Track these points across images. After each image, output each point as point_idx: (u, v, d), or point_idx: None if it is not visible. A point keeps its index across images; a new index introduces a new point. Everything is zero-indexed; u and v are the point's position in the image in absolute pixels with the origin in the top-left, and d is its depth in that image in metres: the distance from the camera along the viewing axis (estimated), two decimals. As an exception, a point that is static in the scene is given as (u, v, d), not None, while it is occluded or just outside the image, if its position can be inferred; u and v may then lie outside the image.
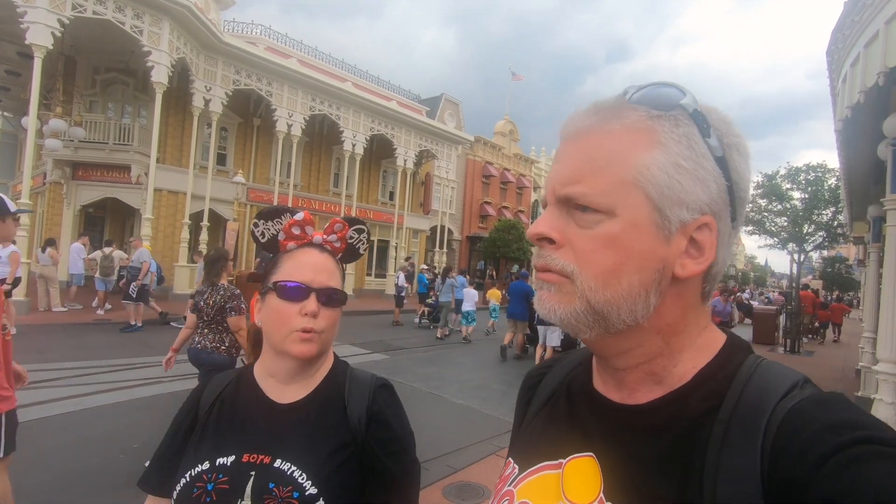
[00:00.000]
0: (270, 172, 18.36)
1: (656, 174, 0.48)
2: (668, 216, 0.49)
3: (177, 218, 14.85)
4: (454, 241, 29.35)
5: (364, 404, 0.98)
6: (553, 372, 0.71)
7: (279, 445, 0.91)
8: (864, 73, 3.52)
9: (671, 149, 0.49)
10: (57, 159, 14.00)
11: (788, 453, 0.41)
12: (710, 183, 0.49)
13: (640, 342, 0.52)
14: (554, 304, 0.52)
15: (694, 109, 0.50)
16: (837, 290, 38.09)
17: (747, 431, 0.44)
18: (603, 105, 0.52)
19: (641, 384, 0.54)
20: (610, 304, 0.49)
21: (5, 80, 16.36)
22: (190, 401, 1.03)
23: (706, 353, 0.53)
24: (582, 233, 0.50)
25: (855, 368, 9.57)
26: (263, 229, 1.03)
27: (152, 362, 7.08)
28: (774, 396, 0.46)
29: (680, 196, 0.48)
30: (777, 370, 0.50)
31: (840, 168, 6.89)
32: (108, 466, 3.72)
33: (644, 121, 0.50)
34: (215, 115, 14.51)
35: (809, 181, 14.73)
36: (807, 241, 15.15)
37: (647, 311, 0.50)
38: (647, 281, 0.49)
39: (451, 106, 27.50)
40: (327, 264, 0.99)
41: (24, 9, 9.86)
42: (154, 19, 11.82)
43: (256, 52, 15.30)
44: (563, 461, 0.56)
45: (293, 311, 0.92)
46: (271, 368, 0.98)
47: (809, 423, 0.42)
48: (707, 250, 0.50)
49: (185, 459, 0.92)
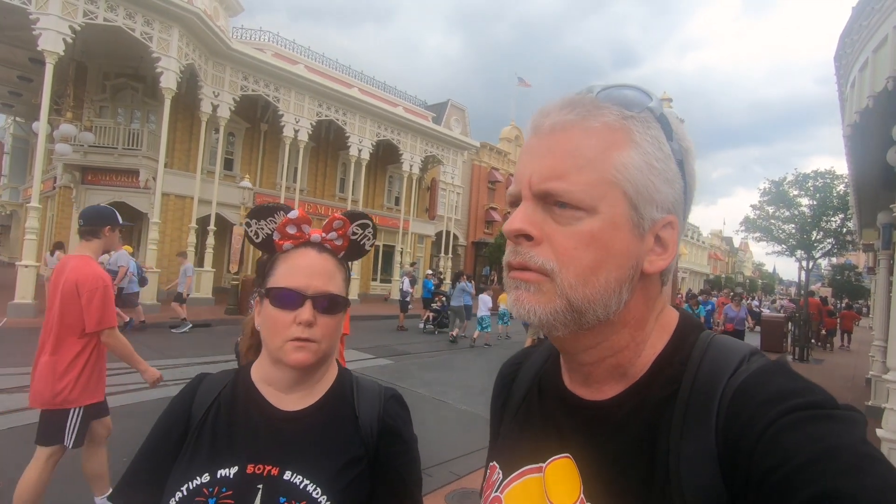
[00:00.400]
0: (277, 177, 18.46)
1: (633, 173, 0.49)
2: (642, 214, 0.50)
3: (184, 222, 14.97)
4: (459, 247, 29.35)
5: (375, 415, 0.95)
6: (525, 368, 0.70)
7: (287, 456, 0.85)
8: (873, 77, 3.48)
9: (645, 149, 0.50)
10: (67, 164, 14.16)
11: (734, 431, 0.43)
12: (675, 184, 0.52)
13: (608, 336, 0.53)
14: (534, 305, 0.51)
15: (660, 113, 0.52)
16: (847, 298, 37.68)
17: (701, 414, 0.46)
18: (578, 101, 0.52)
19: (608, 378, 0.54)
20: (589, 301, 0.49)
21: (17, 86, 16.60)
22: (177, 405, 0.93)
23: (662, 336, 0.54)
24: (561, 229, 0.50)
25: (865, 377, 9.44)
26: (256, 229, 0.97)
27: (160, 365, 7.09)
28: (724, 375, 0.47)
29: (653, 195, 0.50)
30: (726, 345, 0.51)
31: (849, 174, 6.82)
32: (111, 469, 3.71)
33: (620, 120, 0.51)
34: (223, 121, 14.63)
35: (818, 187, 14.60)
36: (815, 248, 15.00)
37: (619, 307, 0.51)
38: (622, 277, 0.50)
39: (456, 112, 27.58)
40: (325, 266, 0.92)
41: (36, 16, 10.00)
42: (164, 26, 11.96)
43: (264, 59, 15.43)
44: (544, 464, 0.56)
45: (287, 320, 0.86)
46: (270, 376, 0.92)
47: (750, 398, 0.44)
48: (671, 246, 0.52)
49: (178, 471, 0.84)
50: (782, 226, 15.68)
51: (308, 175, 19.79)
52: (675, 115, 0.54)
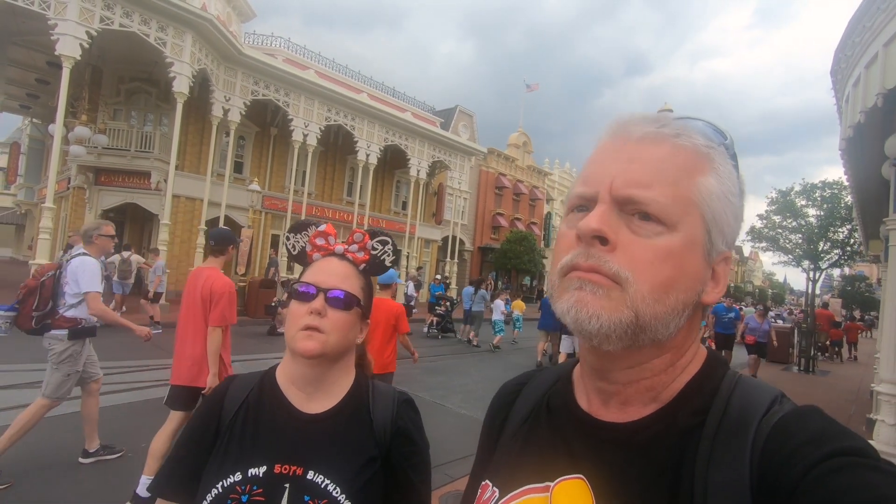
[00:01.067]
0: (285, 181, 18.68)
1: (714, 200, 0.50)
2: (713, 242, 0.50)
3: (193, 224, 15.20)
4: (466, 252, 29.41)
5: (389, 418, 1.00)
6: (529, 388, 0.69)
7: (310, 457, 0.90)
8: (865, 93, 3.54)
9: (725, 181, 0.51)
10: (81, 165, 14.46)
11: (775, 465, 0.43)
12: (739, 221, 0.53)
13: (651, 357, 0.52)
14: (598, 310, 0.48)
15: (733, 152, 0.53)
16: (859, 309, 37.23)
17: (734, 446, 0.46)
18: (666, 119, 0.53)
19: (637, 400, 0.53)
20: (656, 318, 0.48)
21: (35, 88, 16.99)
22: (210, 406, 1.00)
23: (693, 367, 0.54)
24: (638, 240, 0.48)
25: (869, 390, 9.38)
26: (294, 242, 1.07)
27: (166, 364, 7.25)
28: (757, 412, 0.47)
29: (723, 227, 0.51)
30: (755, 386, 0.52)
31: (849, 186, 6.84)
32: (115, 464, 3.84)
33: (707, 147, 0.51)
34: (233, 125, 14.87)
35: (825, 198, 14.52)
36: (822, 258, 14.88)
37: (676, 330, 0.51)
38: (689, 301, 0.50)
39: (464, 117, 27.74)
40: (344, 270, 1.01)
41: (54, 21, 10.29)
42: (177, 32, 12.23)
43: (275, 64, 15.68)
44: (552, 484, 0.54)
45: (302, 311, 0.94)
46: (291, 373, 0.99)
47: (793, 436, 0.44)
48: (722, 282, 0.52)
49: (212, 468, 0.90)
50: (789, 235, 15.61)
51: (316, 179, 20.01)
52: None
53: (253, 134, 18.16)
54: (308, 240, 1.05)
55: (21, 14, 10.90)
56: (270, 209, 18.25)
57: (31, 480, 3.45)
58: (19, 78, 16.01)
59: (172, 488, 0.93)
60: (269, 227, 18.67)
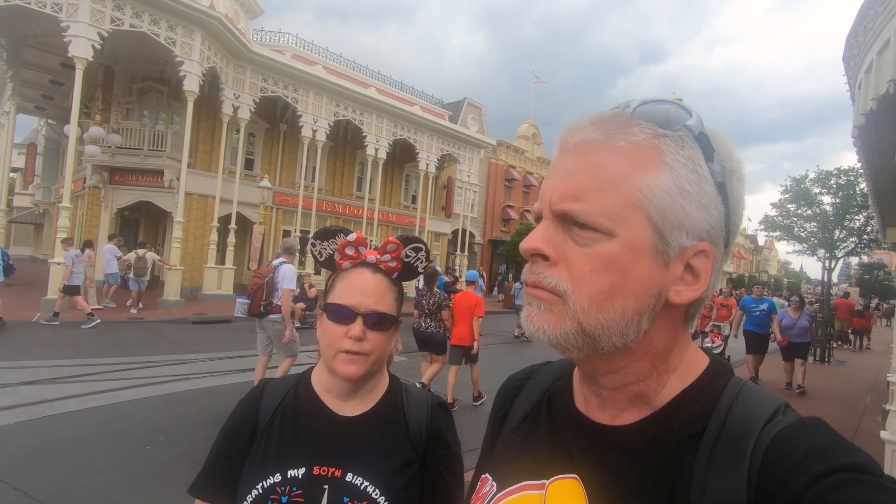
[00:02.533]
0: (296, 176, 18.81)
1: (660, 196, 0.47)
2: (668, 241, 0.47)
3: (206, 221, 15.38)
4: (476, 245, 29.41)
5: (424, 421, 1.02)
6: (532, 384, 0.69)
7: (348, 459, 0.92)
8: (877, 80, 3.48)
9: (676, 171, 0.47)
10: (96, 164, 14.70)
11: (775, 478, 0.42)
12: (711, 209, 0.48)
13: (629, 364, 0.51)
14: (543, 324, 0.50)
15: (700, 132, 0.49)
16: (878, 298, 36.57)
17: (733, 456, 0.45)
18: (607, 118, 0.50)
19: (628, 405, 0.53)
20: (602, 327, 0.48)
21: (49, 90, 17.26)
22: (246, 409, 1.01)
23: (689, 374, 0.52)
24: (580, 251, 0.48)
25: (886, 380, 9.24)
26: (321, 248, 1.08)
27: (182, 360, 7.41)
28: (759, 421, 0.46)
29: (682, 221, 0.47)
30: (759, 394, 0.50)
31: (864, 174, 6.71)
32: (137, 457, 3.96)
33: (650, 139, 0.48)
34: (243, 122, 14.98)
35: (840, 185, 14.19)
36: (837, 247, 14.57)
37: (638, 335, 0.49)
38: (641, 306, 0.48)
39: (473, 110, 27.62)
40: (377, 286, 0.99)
41: (67, 23, 10.44)
42: (186, 31, 12.33)
43: (283, 60, 15.74)
44: (547, 482, 0.55)
45: (340, 333, 0.94)
46: (327, 384, 1.00)
47: (794, 449, 0.43)
48: (703, 277, 0.49)
49: (251, 469, 0.92)
50: (804, 224, 15.30)
51: (326, 174, 20.11)
52: (719, 135, 0.51)
53: (263, 130, 18.28)
54: (337, 248, 1.04)
55: (34, 17, 11.06)
56: (281, 205, 18.40)
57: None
58: (34, 80, 16.26)
59: (210, 489, 0.96)
60: (281, 223, 18.83)
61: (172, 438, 4.36)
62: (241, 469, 0.94)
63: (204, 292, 14.09)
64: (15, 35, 13.36)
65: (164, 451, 4.09)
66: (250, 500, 0.88)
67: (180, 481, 3.68)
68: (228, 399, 5.57)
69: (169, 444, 4.23)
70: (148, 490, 3.44)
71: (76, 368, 6.34)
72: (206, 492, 0.96)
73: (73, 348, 7.47)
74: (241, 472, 0.93)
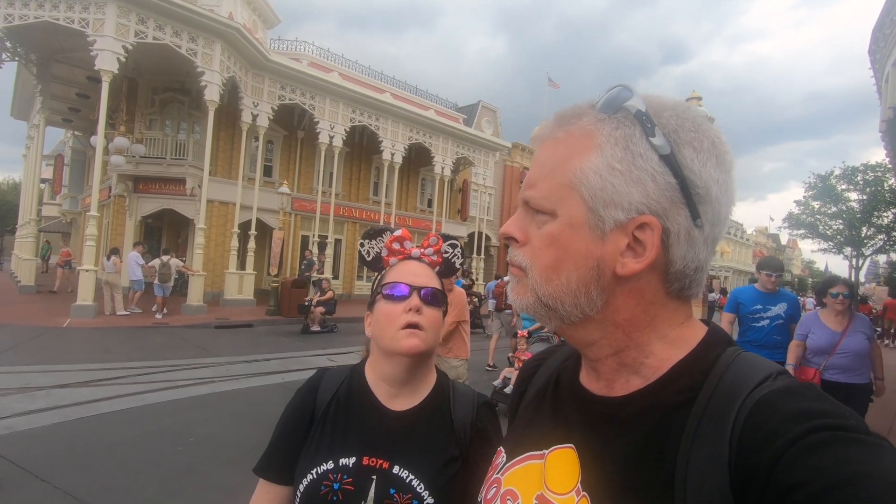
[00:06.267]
0: (313, 182, 19.04)
1: (590, 177, 0.51)
2: (601, 216, 0.50)
3: (227, 227, 15.67)
4: (492, 248, 29.34)
5: (469, 419, 1.03)
6: (547, 364, 0.74)
7: (395, 452, 0.95)
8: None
9: (606, 151, 0.51)
10: (121, 174, 15.09)
11: (753, 442, 0.42)
12: (647, 182, 0.49)
13: (603, 334, 0.54)
14: (515, 296, 0.58)
15: (637, 110, 0.50)
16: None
17: (717, 422, 0.45)
18: (563, 114, 0.56)
19: (617, 375, 0.56)
20: (553, 298, 0.54)
21: (76, 103, 17.79)
22: (305, 397, 1.05)
23: (682, 347, 0.53)
24: (537, 232, 0.55)
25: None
26: (368, 248, 1.12)
27: (206, 363, 7.56)
28: (746, 388, 0.46)
29: (613, 197, 0.50)
30: (753, 362, 0.50)
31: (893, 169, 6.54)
32: (167, 458, 4.05)
33: (587, 126, 0.53)
34: (262, 129, 15.24)
35: (867, 181, 13.81)
36: (865, 244, 14.19)
37: (594, 306, 0.53)
38: (584, 277, 0.52)
39: (488, 113, 27.61)
40: (426, 271, 1.06)
41: (93, 37, 10.79)
42: (207, 42, 12.61)
43: (300, 68, 15.98)
44: (546, 451, 0.58)
45: (399, 310, 0.98)
46: (382, 372, 1.02)
47: (774, 413, 0.43)
48: (649, 249, 0.50)
49: (307, 454, 0.97)
50: (829, 222, 14.92)
51: (343, 179, 20.32)
52: (675, 108, 0.52)
53: (281, 138, 18.57)
54: (384, 244, 1.09)
55: (62, 32, 11.44)
56: (300, 210, 18.63)
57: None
58: (62, 93, 16.78)
59: (274, 470, 1.01)
60: (299, 229, 19.07)
61: (201, 440, 4.45)
62: (300, 453, 0.98)
63: (226, 297, 14.34)
64: (44, 50, 13.84)
65: (194, 452, 4.18)
66: (306, 483, 0.92)
67: (211, 481, 3.77)
68: (251, 401, 5.68)
69: (198, 445, 4.33)
70: (180, 490, 3.52)
71: (106, 372, 6.51)
72: (269, 472, 1.01)
73: (103, 353, 7.67)
74: (300, 456, 0.98)
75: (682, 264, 0.51)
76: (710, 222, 0.51)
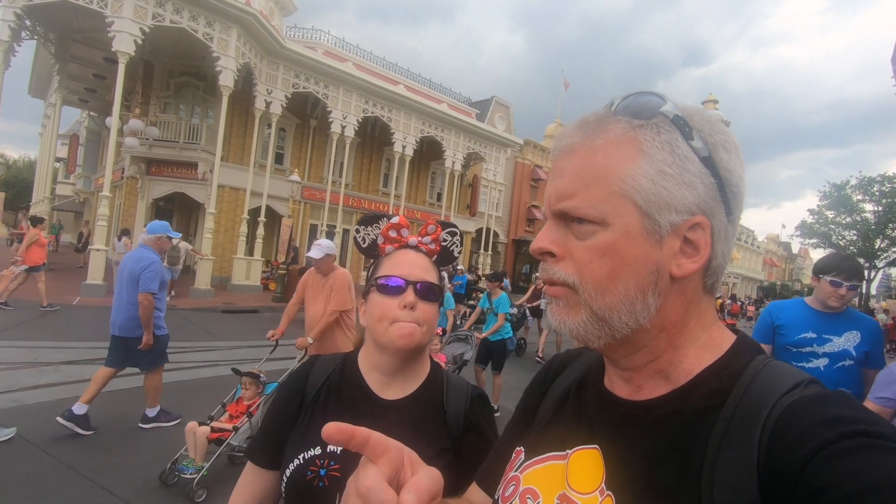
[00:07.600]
0: (324, 172, 19.09)
1: (642, 183, 0.50)
2: (657, 221, 0.51)
3: (237, 213, 15.76)
4: (500, 244, 29.30)
5: (461, 411, 1.02)
6: (574, 364, 0.73)
7: None
8: (930, 83, 3.34)
9: (654, 156, 0.51)
10: (134, 156, 15.22)
11: (783, 445, 0.42)
12: (697, 184, 0.51)
13: (647, 342, 0.54)
14: (563, 317, 0.55)
15: (674, 115, 0.52)
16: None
17: (746, 426, 0.45)
18: (589, 119, 0.55)
19: (648, 381, 0.55)
20: (610, 310, 0.52)
21: (92, 83, 17.95)
22: (296, 382, 1.05)
23: (713, 352, 0.54)
24: (580, 244, 0.53)
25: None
26: (364, 234, 1.09)
27: (212, 346, 7.63)
28: (777, 393, 0.46)
29: (667, 201, 0.50)
30: (784, 370, 0.50)
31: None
32: (174, 437, 4.10)
33: (627, 132, 0.52)
34: (275, 117, 15.28)
35: (884, 192, 13.57)
36: (878, 256, 13.97)
37: (649, 313, 0.52)
38: (643, 284, 0.51)
39: (501, 109, 27.49)
40: (423, 262, 1.03)
41: (111, 19, 10.85)
42: (223, 27, 12.64)
43: (315, 57, 15.98)
44: (569, 452, 0.58)
45: (393, 305, 0.96)
46: (375, 362, 1.01)
47: (806, 416, 0.43)
48: (702, 248, 0.51)
49: (294, 440, 0.96)
50: (842, 232, 14.71)
51: (353, 170, 20.36)
52: (701, 112, 0.54)
53: (293, 126, 18.61)
54: (380, 232, 1.06)
55: (81, 12, 11.52)
56: (309, 199, 18.70)
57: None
58: (79, 73, 16.92)
59: (262, 454, 1.01)
60: (308, 217, 19.14)
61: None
62: (288, 438, 0.98)
63: (233, 282, 14.45)
64: (63, 30, 13.93)
65: (196, 434, 4.22)
66: (292, 468, 0.92)
67: (216, 461, 3.78)
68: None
69: (200, 427, 4.37)
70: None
71: (113, 351, 6.58)
72: (258, 457, 1.01)
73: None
74: (287, 441, 0.98)
75: (722, 259, 0.54)
76: (737, 218, 0.54)
